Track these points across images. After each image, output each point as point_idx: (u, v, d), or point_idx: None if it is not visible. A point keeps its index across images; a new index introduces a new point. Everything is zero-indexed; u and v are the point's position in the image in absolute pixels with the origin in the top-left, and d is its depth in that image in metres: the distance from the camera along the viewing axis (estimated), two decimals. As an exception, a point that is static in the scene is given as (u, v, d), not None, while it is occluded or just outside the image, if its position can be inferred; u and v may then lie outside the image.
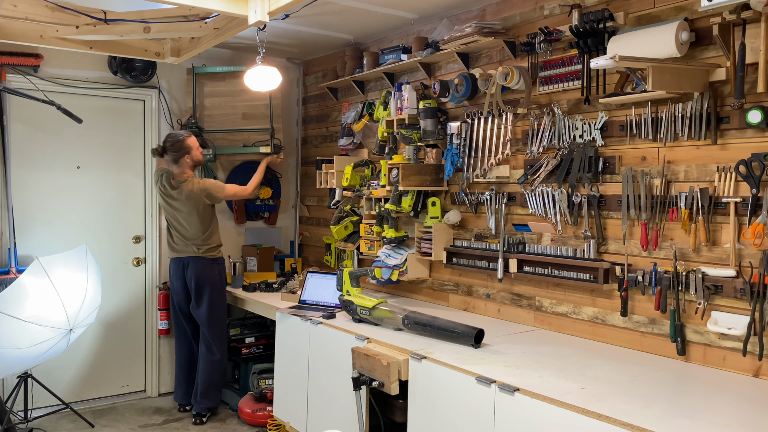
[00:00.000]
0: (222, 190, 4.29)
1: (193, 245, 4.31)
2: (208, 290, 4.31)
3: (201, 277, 4.30)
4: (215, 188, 4.26)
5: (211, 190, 4.24)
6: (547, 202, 3.16)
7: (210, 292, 4.31)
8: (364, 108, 4.49)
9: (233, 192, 4.39)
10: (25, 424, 4.13)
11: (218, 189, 4.27)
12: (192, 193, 4.21)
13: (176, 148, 4.19)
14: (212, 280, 4.33)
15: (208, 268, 4.32)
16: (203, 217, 4.29)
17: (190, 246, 4.32)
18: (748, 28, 2.32)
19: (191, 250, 4.31)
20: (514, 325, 3.33)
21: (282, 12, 3.33)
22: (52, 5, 3.45)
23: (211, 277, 4.33)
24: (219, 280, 4.39)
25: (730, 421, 1.97)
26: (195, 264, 4.31)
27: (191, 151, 4.22)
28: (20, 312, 3.58)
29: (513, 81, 3.22)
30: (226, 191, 4.32)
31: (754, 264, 2.38)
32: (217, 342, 4.37)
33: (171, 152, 4.20)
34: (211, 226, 4.34)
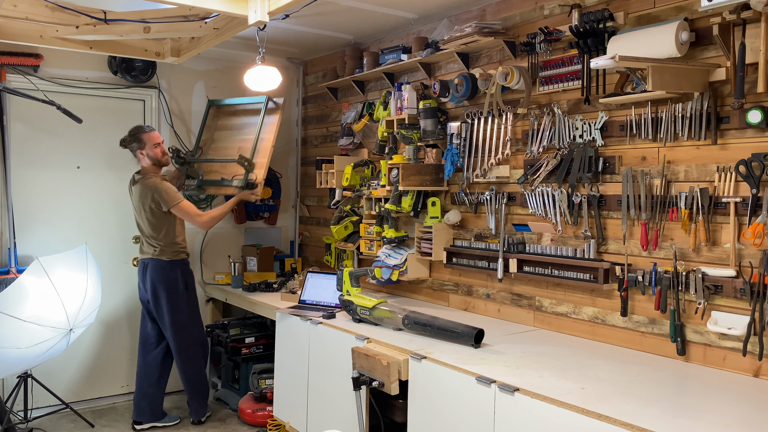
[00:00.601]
0: (172, 203, 4.00)
1: (150, 246, 4.13)
2: (164, 295, 4.07)
3: (155, 281, 4.06)
4: (167, 197, 4.00)
5: (161, 196, 3.99)
6: (547, 202, 3.16)
7: (167, 297, 4.07)
8: (364, 108, 4.49)
9: (185, 212, 4.06)
10: (25, 424, 4.13)
11: (170, 199, 4.00)
12: (142, 191, 4.04)
13: (132, 139, 4.10)
14: (168, 283, 4.07)
15: (164, 271, 4.07)
16: (153, 216, 4.06)
17: (149, 246, 4.14)
18: (748, 28, 2.32)
19: (150, 251, 4.13)
20: (514, 325, 3.33)
21: (282, 12, 3.33)
22: (52, 5, 3.45)
23: (166, 281, 4.07)
24: (177, 283, 4.10)
25: (730, 421, 1.97)
26: (151, 266, 4.09)
27: (144, 146, 4.07)
28: (20, 312, 3.58)
29: (513, 81, 3.22)
30: (178, 207, 4.02)
31: (754, 264, 2.38)
32: (185, 349, 4.19)
33: (128, 142, 4.12)
34: (165, 226, 4.08)
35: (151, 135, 4.11)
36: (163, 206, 4.00)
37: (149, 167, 4.13)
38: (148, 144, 4.08)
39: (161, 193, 3.99)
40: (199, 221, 4.08)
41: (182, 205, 4.01)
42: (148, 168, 4.13)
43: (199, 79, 5.03)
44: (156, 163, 4.13)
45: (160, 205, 4.02)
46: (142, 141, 4.07)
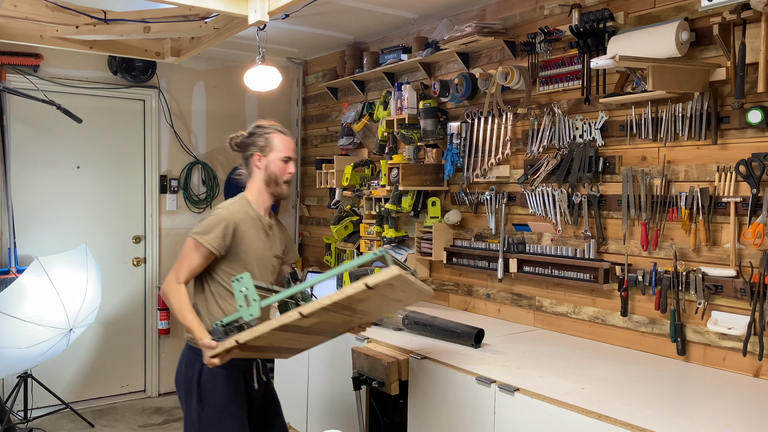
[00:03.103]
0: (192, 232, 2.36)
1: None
2: (182, 396, 2.49)
3: (177, 372, 2.53)
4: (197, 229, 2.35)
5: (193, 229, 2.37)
6: (547, 202, 3.16)
7: (185, 399, 2.46)
8: (364, 108, 4.49)
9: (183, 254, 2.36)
10: (25, 424, 4.13)
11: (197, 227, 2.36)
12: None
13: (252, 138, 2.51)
14: (185, 379, 2.45)
15: (184, 360, 2.48)
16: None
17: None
18: (748, 28, 2.32)
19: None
20: (514, 325, 3.33)
21: (282, 12, 3.32)
22: (52, 5, 3.45)
23: (185, 375, 2.45)
24: (193, 382, 2.40)
25: (730, 421, 1.97)
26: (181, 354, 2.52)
27: (269, 152, 2.46)
28: (20, 312, 3.58)
29: (513, 81, 3.22)
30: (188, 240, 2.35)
31: (754, 264, 2.38)
32: None
33: (243, 146, 2.54)
34: (208, 291, 2.41)
35: (284, 140, 2.49)
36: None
37: (256, 186, 2.49)
38: (275, 152, 2.46)
39: (205, 216, 2.40)
40: (167, 281, 2.35)
41: (189, 242, 2.33)
42: (253, 186, 2.50)
43: (199, 79, 5.03)
44: (270, 186, 2.48)
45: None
46: (269, 144, 2.46)
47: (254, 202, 2.47)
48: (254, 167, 2.48)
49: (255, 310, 2.15)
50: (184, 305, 2.30)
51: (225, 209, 2.38)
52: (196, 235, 2.31)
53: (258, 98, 5.27)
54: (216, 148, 5.13)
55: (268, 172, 2.45)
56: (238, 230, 2.35)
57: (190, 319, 2.27)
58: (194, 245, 2.32)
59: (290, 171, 2.48)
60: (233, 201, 2.45)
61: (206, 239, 2.30)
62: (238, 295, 2.14)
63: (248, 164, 2.51)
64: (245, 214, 2.40)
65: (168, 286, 2.33)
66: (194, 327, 2.24)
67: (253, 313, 2.14)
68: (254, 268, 2.41)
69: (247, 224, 2.39)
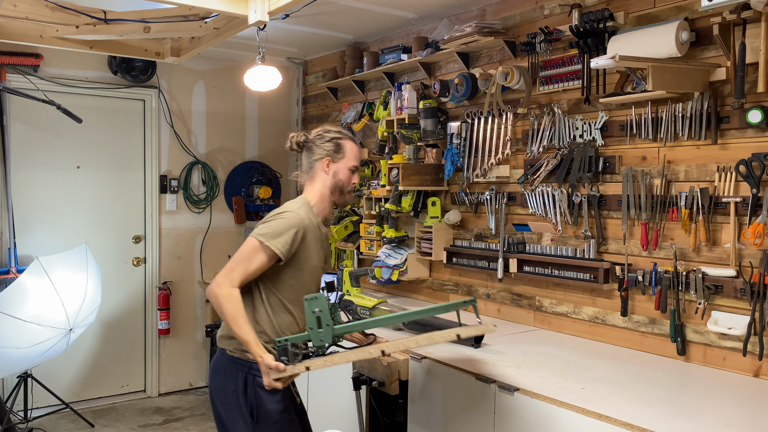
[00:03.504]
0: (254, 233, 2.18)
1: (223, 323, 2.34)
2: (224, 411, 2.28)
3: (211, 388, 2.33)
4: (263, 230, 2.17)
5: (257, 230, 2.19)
6: (547, 201, 3.16)
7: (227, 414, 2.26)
8: (364, 108, 4.49)
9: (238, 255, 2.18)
10: (25, 424, 4.13)
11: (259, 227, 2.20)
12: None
13: (322, 141, 2.33)
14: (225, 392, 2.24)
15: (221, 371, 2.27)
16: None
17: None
18: (748, 28, 2.32)
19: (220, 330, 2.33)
20: (514, 325, 3.32)
21: (282, 12, 3.32)
22: (52, 5, 3.45)
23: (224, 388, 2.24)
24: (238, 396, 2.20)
25: (730, 421, 1.97)
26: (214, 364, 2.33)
27: (340, 159, 2.32)
28: (20, 312, 3.58)
29: (513, 81, 3.22)
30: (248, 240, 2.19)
31: (755, 264, 2.38)
32: None
33: (309, 148, 2.34)
34: (259, 299, 2.22)
35: (355, 149, 2.37)
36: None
37: (318, 191, 2.32)
38: (346, 160, 2.33)
39: (271, 217, 2.23)
40: (217, 281, 2.13)
41: (251, 243, 2.15)
42: (314, 191, 2.32)
43: (199, 79, 5.03)
44: (333, 194, 2.33)
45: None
46: (341, 150, 2.33)
47: (316, 207, 2.29)
48: (320, 172, 2.30)
49: (327, 336, 2.00)
50: (240, 313, 2.09)
51: (296, 214, 2.19)
52: (261, 237, 2.12)
53: (258, 98, 5.27)
54: (216, 148, 5.13)
55: (335, 180, 2.30)
56: (305, 238, 2.19)
57: (246, 330, 2.06)
58: (258, 248, 2.12)
59: (355, 181, 2.35)
60: (299, 204, 2.25)
61: (275, 243, 2.11)
62: (310, 316, 2.00)
63: (312, 167, 2.32)
64: (310, 221, 2.24)
65: (219, 287, 2.09)
66: (251, 340, 2.05)
67: (325, 339, 1.99)
68: (308, 279, 2.27)
69: (311, 232, 2.23)
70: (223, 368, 2.23)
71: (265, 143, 5.36)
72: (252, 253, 2.13)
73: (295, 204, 2.26)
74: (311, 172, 2.33)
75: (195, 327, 5.07)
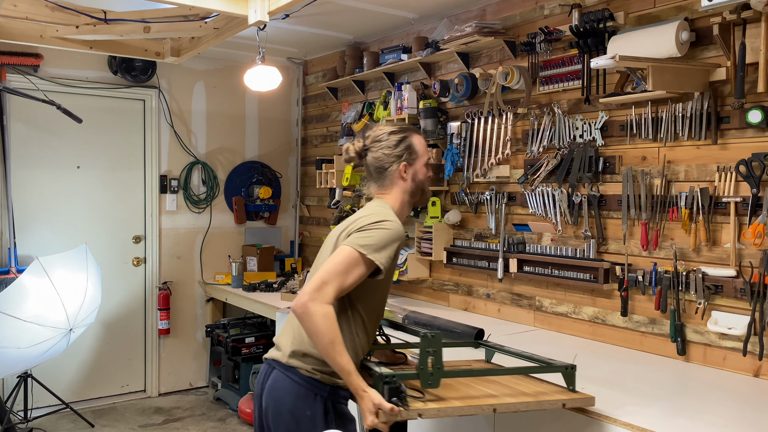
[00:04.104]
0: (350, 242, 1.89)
1: (292, 333, 2.01)
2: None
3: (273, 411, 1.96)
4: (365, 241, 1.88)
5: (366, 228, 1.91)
6: (547, 201, 3.16)
7: None
8: (364, 108, 4.49)
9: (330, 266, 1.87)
10: (25, 424, 4.13)
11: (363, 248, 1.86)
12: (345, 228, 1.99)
13: (384, 150, 2.06)
14: (297, 418, 1.92)
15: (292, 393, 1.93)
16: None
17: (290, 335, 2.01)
18: (748, 28, 2.32)
19: (285, 346, 2.01)
20: (514, 325, 3.32)
21: (282, 12, 3.32)
22: (52, 5, 3.45)
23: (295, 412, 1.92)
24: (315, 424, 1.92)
25: (730, 421, 1.97)
26: (276, 384, 1.97)
27: (415, 160, 2.07)
28: (20, 312, 3.57)
29: (513, 81, 3.22)
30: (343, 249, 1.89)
31: (755, 264, 2.38)
32: None
33: (374, 156, 2.07)
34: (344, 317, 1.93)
35: (422, 141, 2.13)
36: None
37: (399, 199, 2.07)
38: (420, 157, 2.09)
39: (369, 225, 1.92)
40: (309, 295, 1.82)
41: (349, 254, 1.86)
42: (397, 202, 2.06)
43: (199, 79, 5.03)
44: (414, 196, 2.10)
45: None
46: (413, 150, 2.07)
47: (397, 214, 2.03)
48: (397, 179, 2.04)
49: (436, 380, 1.81)
50: (339, 337, 1.79)
51: (398, 225, 1.94)
52: (363, 248, 1.84)
53: (258, 98, 5.27)
54: (216, 148, 5.13)
55: (416, 182, 2.06)
56: (398, 251, 1.95)
57: (347, 358, 1.79)
58: (358, 260, 1.84)
59: (430, 174, 2.13)
60: (391, 211, 2.00)
61: (379, 258, 1.85)
62: (423, 356, 1.79)
63: (385, 176, 2.05)
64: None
65: (313, 303, 1.78)
66: (352, 371, 1.78)
67: (434, 384, 1.81)
68: (386, 295, 2.07)
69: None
70: (294, 391, 1.89)
71: (265, 143, 5.36)
72: (351, 266, 1.84)
73: (388, 211, 2.00)
74: (385, 181, 2.05)
75: (195, 327, 5.07)
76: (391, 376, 1.77)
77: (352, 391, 1.80)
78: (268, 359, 2.01)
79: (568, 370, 1.97)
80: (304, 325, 1.82)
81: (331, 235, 2.05)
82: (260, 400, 2.00)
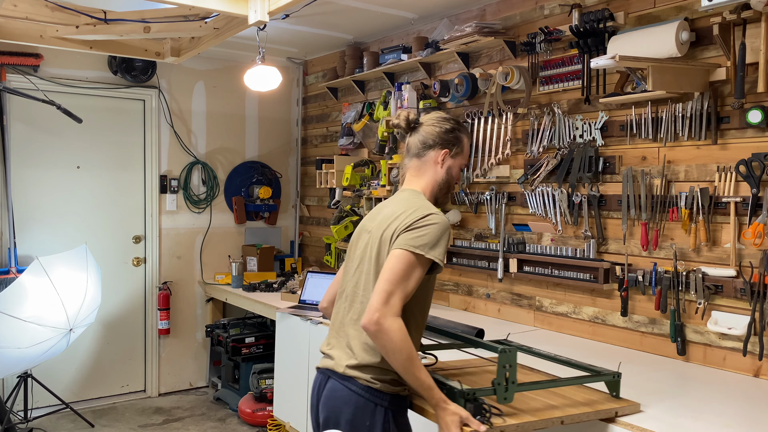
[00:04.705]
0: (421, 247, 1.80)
1: (345, 345, 1.92)
2: None
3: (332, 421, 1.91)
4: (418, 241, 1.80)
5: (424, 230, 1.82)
6: (547, 201, 3.16)
7: None
8: (364, 108, 4.49)
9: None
10: (25, 424, 4.13)
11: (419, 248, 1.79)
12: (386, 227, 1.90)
13: (445, 130, 2.01)
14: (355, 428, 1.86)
15: (352, 403, 1.86)
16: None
17: (343, 345, 1.94)
18: (748, 28, 2.32)
19: (339, 357, 1.92)
20: (514, 325, 3.32)
21: (282, 12, 3.32)
22: (52, 5, 3.45)
23: (354, 422, 1.85)
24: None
25: (730, 421, 1.97)
26: (333, 394, 1.91)
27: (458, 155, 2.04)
28: (20, 312, 3.58)
29: (513, 81, 3.22)
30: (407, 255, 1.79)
31: (755, 264, 2.38)
32: None
33: (422, 132, 2.02)
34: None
35: (468, 145, 2.13)
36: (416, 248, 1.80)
37: (429, 185, 2.02)
38: (462, 157, 2.07)
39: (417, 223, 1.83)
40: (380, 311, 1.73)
41: (406, 258, 1.79)
42: (426, 184, 2.02)
43: (199, 79, 5.03)
44: (441, 190, 2.05)
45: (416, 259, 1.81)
46: (459, 144, 2.05)
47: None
48: (433, 163, 1.99)
49: (511, 396, 1.79)
50: (414, 351, 1.73)
51: (441, 215, 1.86)
52: (418, 249, 1.77)
53: (258, 98, 5.27)
54: (216, 148, 5.13)
55: (448, 176, 2.01)
56: None
57: (425, 372, 1.74)
58: (415, 263, 1.76)
59: (459, 178, 2.12)
60: (429, 203, 1.95)
61: (435, 254, 1.79)
62: (500, 371, 1.77)
63: (424, 157, 2.00)
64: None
65: (386, 319, 1.70)
66: (432, 384, 1.73)
67: (509, 398, 1.79)
68: (432, 294, 2.00)
69: None
70: (353, 401, 1.83)
71: (265, 143, 5.36)
72: (409, 270, 1.76)
73: (427, 202, 1.93)
74: (420, 161, 2.00)
75: (195, 327, 5.07)
76: (472, 392, 1.74)
77: (431, 404, 1.75)
78: (322, 368, 1.96)
79: (615, 378, 2.00)
80: (378, 343, 1.74)
81: (367, 232, 1.96)
82: (316, 411, 1.95)
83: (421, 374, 1.72)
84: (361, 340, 1.84)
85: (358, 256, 1.96)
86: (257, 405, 4.29)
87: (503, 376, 1.77)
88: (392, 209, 1.93)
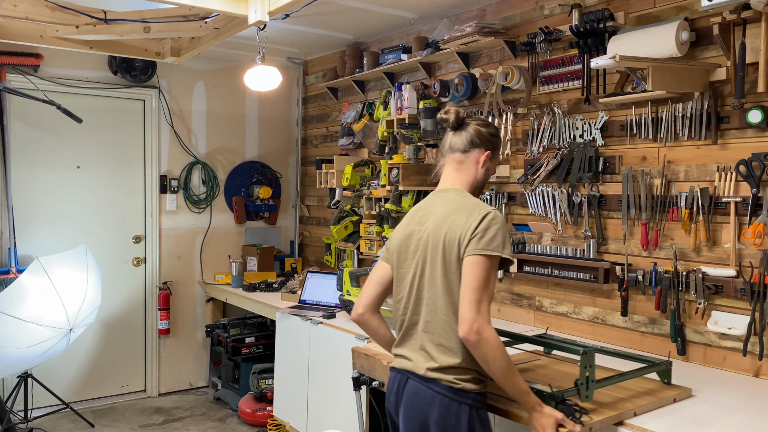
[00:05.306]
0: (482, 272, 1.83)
1: (419, 348, 1.95)
2: None
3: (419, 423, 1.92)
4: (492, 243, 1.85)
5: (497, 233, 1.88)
6: (547, 201, 3.16)
7: None
8: (364, 108, 4.49)
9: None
10: (25, 424, 4.13)
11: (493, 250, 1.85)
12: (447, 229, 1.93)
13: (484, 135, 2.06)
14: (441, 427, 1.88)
15: (437, 404, 1.88)
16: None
17: (416, 348, 1.96)
18: (748, 28, 2.32)
19: (417, 360, 1.95)
20: (514, 325, 3.32)
21: (282, 12, 3.32)
22: (52, 5, 3.45)
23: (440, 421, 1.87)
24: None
25: (730, 421, 1.97)
26: (417, 395, 1.94)
27: (492, 156, 2.09)
28: (20, 312, 3.58)
29: (513, 81, 3.22)
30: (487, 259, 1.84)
31: (755, 264, 2.38)
32: None
33: (469, 131, 2.06)
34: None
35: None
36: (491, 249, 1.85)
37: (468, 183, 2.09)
38: (495, 161, 2.14)
39: (481, 226, 1.88)
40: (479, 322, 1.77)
41: (484, 263, 1.83)
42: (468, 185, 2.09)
43: (199, 79, 5.03)
44: (476, 190, 2.12)
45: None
46: (498, 149, 2.14)
47: None
48: (473, 162, 2.05)
49: (591, 394, 1.89)
50: (510, 359, 1.81)
51: (496, 211, 1.94)
52: (492, 251, 1.81)
53: (258, 98, 5.27)
54: (216, 148, 5.13)
55: (484, 177, 2.09)
56: None
57: (521, 378, 1.81)
58: (492, 265, 1.82)
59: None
60: (477, 198, 2.04)
61: (508, 252, 1.87)
62: (582, 372, 1.86)
63: (468, 154, 2.05)
64: None
65: (484, 328, 1.75)
66: (528, 389, 1.82)
67: (589, 396, 1.90)
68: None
69: None
70: (438, 401, 1.86)
71: (265, 143, 5.36)
72: (489, 273, 1.82)
73: (472, 198, 2.02)
74: (464, 156, 2.05)
75: (195, 327, 5.07)
76: (561, 394, 1.83)
77: (527, 407, 1.82)
78: (401, 369, 1.98)
79: (666, 366, 2.17)
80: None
81: (419, 235, 1.98)
82: (397, 411, 2.00)
83: (518, 380, 1.79)
84: (435, 342, 1.89)
85: (415, 261, 1.98)
86: (257, 405, 4.29)
87: (584, 376, 1.87)
88: (445, 209, 1.97)
